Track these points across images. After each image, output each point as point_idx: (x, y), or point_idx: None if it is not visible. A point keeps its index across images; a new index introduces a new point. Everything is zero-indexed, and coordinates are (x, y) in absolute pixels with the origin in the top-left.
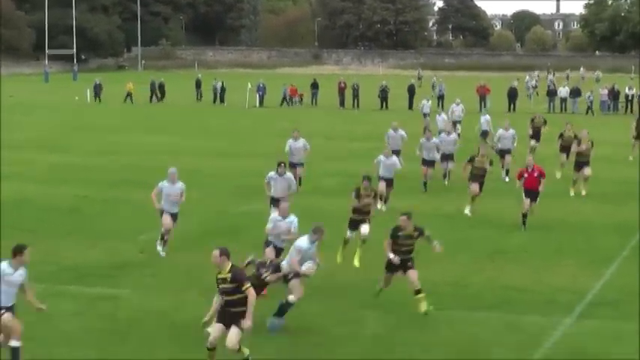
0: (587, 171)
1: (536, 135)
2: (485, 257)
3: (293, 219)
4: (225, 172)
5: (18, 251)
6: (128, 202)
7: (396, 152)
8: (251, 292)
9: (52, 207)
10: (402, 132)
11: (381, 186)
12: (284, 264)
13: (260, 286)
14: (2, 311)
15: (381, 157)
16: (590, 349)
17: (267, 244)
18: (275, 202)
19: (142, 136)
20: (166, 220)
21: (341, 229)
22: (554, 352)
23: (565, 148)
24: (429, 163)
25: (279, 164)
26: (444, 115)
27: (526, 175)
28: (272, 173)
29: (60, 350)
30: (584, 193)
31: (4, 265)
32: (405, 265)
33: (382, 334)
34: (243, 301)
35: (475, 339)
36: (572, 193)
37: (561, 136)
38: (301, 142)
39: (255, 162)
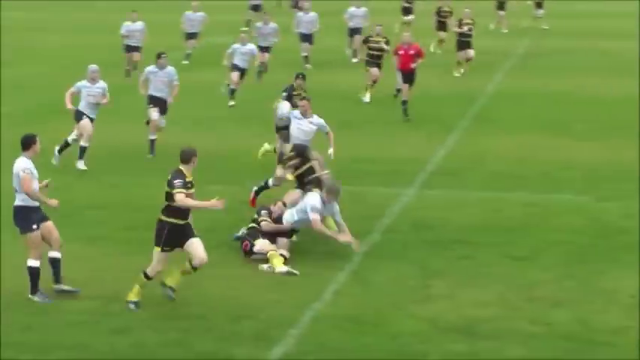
0: (471, 52)
1: (407, 10)
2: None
3: (320, 121)
4: (58, 48)
5: (32, 141)
6: None
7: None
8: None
9: None
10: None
11: (234, 77)
12: (287, 217)
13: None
14: (35, 226)
15: (237, 45)
16: (431, 218)
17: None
18: (155, 100)
19: None
20: (87, 125)
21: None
22: (397, 221)
23: (442, 24)
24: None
25: (159, 55)
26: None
27: (401, 52)
28: (151, 67)
29: None
30: (457, 74)
31: (26, 162)
32: None
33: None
34: None
35: None
36: (456, 74)
37: (438, 12)
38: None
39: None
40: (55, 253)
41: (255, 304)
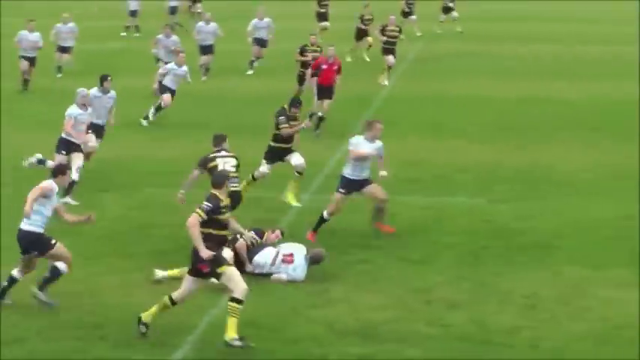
0: (392, 59)
1: (322, 16)
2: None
3: (380, 145)
4: None
5: (62, 172)
6: None
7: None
8: None
9: None
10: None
11: (167, 98)
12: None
13: None
14: (53, 241)
15: (172, 65)
16: (330, 221)
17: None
18: (95, 127)
19: None
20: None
21: None
22: (294, 226)
23: (363, 32)
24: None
25: (104, 78)
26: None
27: (325, 66)
28: (94, 91)
29: None
30: (386, 82)
31: (53, 184)
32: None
33: None
34: None
35: None
36: (385, 82)
37: (361, 18)
38: None
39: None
40: (20, 275)
41: None
